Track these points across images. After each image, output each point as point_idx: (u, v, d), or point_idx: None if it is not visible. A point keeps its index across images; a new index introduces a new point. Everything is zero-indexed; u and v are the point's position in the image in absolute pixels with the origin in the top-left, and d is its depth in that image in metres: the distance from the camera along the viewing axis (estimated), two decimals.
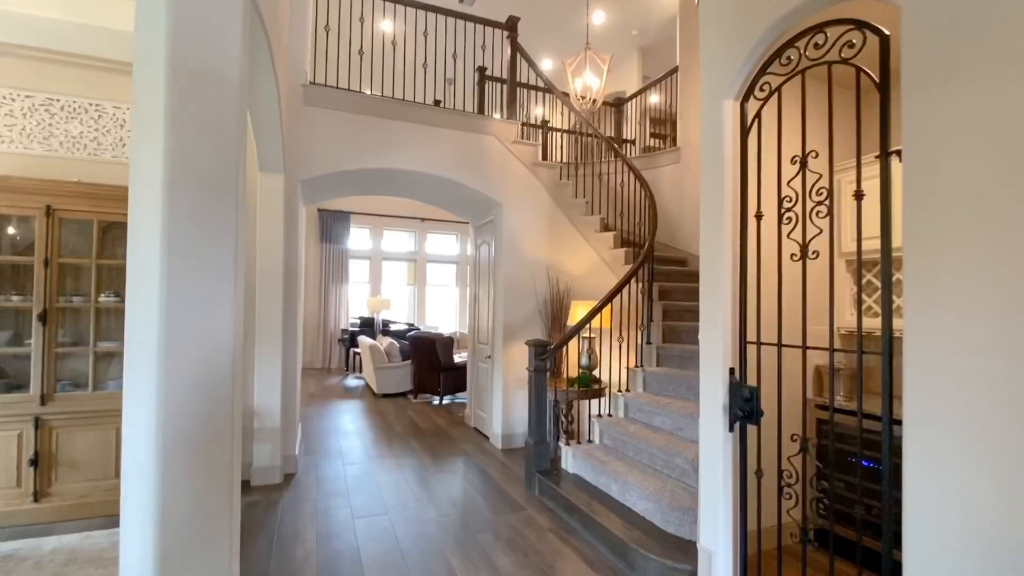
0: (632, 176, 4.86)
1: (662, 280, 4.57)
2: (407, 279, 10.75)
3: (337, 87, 4.31)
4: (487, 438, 4.98)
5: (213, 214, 1.41)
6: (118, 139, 3.55)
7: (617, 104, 6.93)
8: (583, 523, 2.96)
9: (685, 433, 3.13)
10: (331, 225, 9.74)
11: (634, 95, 6.61)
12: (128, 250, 1.36)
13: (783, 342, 1.91)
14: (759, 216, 2.03)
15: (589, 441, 3.70)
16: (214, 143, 1.41)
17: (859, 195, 1.69)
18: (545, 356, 3.66)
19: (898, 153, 1.54)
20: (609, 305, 3.86)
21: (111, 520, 3.04)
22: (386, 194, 5.34)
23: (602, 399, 4.08)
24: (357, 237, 10.20)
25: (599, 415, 3.75)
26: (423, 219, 10.60)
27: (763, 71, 2.04)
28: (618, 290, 3.80)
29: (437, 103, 4.80)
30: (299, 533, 2.93)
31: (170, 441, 1.33)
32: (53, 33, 3.20)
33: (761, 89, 2.06)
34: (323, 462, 4.22)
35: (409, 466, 4.15)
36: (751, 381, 2.06)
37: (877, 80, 1.62)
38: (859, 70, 1.70)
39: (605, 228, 5.18)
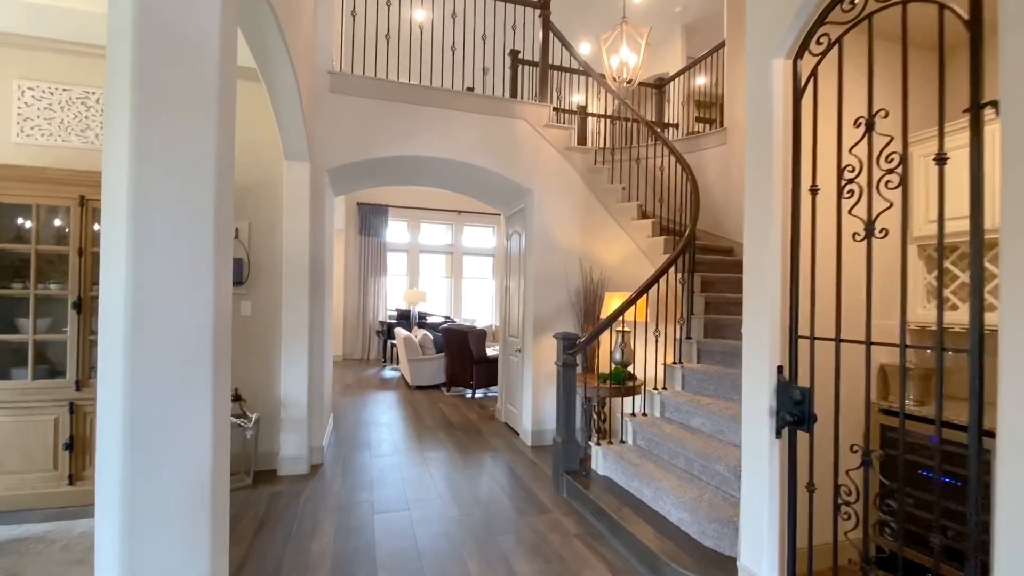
0: (673, 160, 4.54)
1: (705, 270, 4.25)
2: (444, 272, 10.73)
3: (363, 75, 4.23)
4: (517, 434, 4.83)
5: (187, 195, 1.30)
6: None
7: (658, 86, 6.56)
8: (612, 530, 2.75)
9: (727, 436, 2.85)
10: (369, 218, 9.83)
11: (676, 74, 6.22)
12: (101, 234, 1.27)
13: (841, 337, 1.63)
14: (814, 190, 1.75)
15: (621, 442, 3.46)
16: (187, 116, 1.30)
17: (941, 159, 1.39)
18: (574, 350, 3.45)
19: (994, 105, 1.24)
20: (644, 297, 3.60)
21: None
22: (414, 184, 5.25)
23: (636, 397, 3.83)
24: (395, 230, 10.26)
25: (632, 414, 3.51)
26: (459, 211, 10.52)
27: (821, 21, 1.75)
28: (654, 280, 3.54)
29: (470, 90, 4.65)
30: (318, 526, 2.88)
31: (137, 432, 1.24)
32: (88, 27, 3.25)
33: (818, 42, 1.77)
34: (351, 453, 4.18)
35: (436, 460, 4.05)
36: (803, 381, 1.79)
37: (966, 17, 1.32)
38: (942, 6, 1.40)
39: (643, 215, 4.89)
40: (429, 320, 9.35)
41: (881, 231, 1.54)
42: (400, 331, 7.35)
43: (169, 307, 1.27)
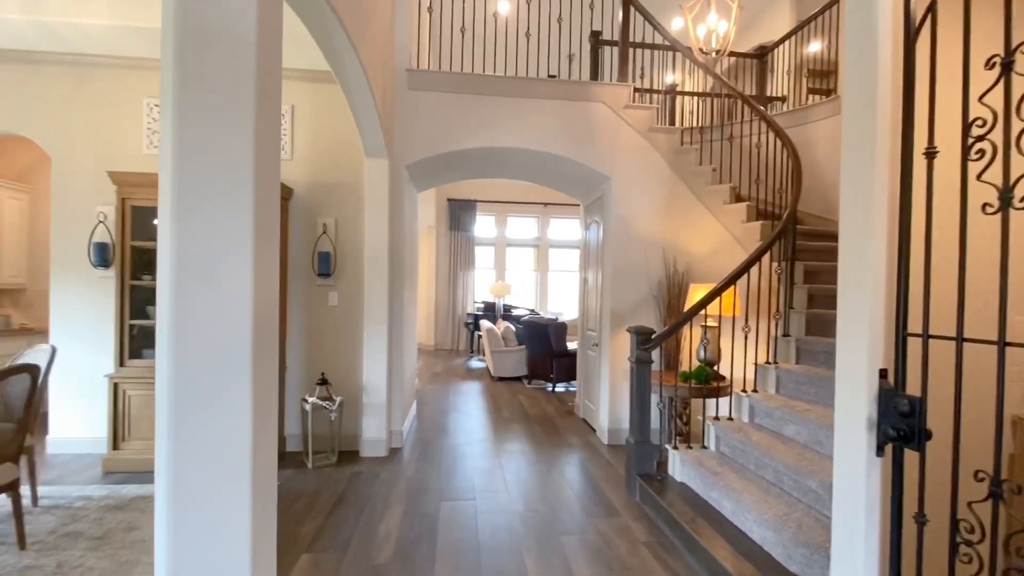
0: (773, 136, 4.05)
1: (809, 259, 3.75)
2: (532, 265, 10.71)
3: (439, 70, 4.30)
4: (594, 431, 4.65)
5: (225, 192, 1.35)
6: None
7: (759, 55, 5.91)
8: (685, 542, 2.51)
9: (826, 449, 2.47)
10: (458, 213, 10.11)
11: (780, 41, 5.55)
12: (158, 228, 1.37)
13: (965, 335, 1.29)
14: (931, 153, 1.41)
15: (703, 447, 3.17)
16: (225, 117, 1.35)
17: None
18: (649, 345, 3.21)
19: None
20: (733, 289, 3.25)
21: None
22: (492, 176, 5.25)
23: (723, 399, 3.48)
24: (483, 224, 10.44)
25: (716, 418, 3.19)
26: (546, 204, 10.43)
27: None
28: (744, 270, 3.17)
29: (551, 77, 4.54)
30: (388, 508, 2.98)
31: (180, 408, 1.32)
32: None
33: None
34: (429, 440, 4.31)
35: (508, 452, 4.03)
36: (912, 388, 1.46)
37: None
38: None
39: (736, 198, 4.44)
40: (515, 313, 9.41)
41: (1022, 200, 1.18)
42: (485, 323, 7.47)
43: (208, 297, 1.34)
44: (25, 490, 2.99)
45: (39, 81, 3.70)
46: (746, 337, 3.22)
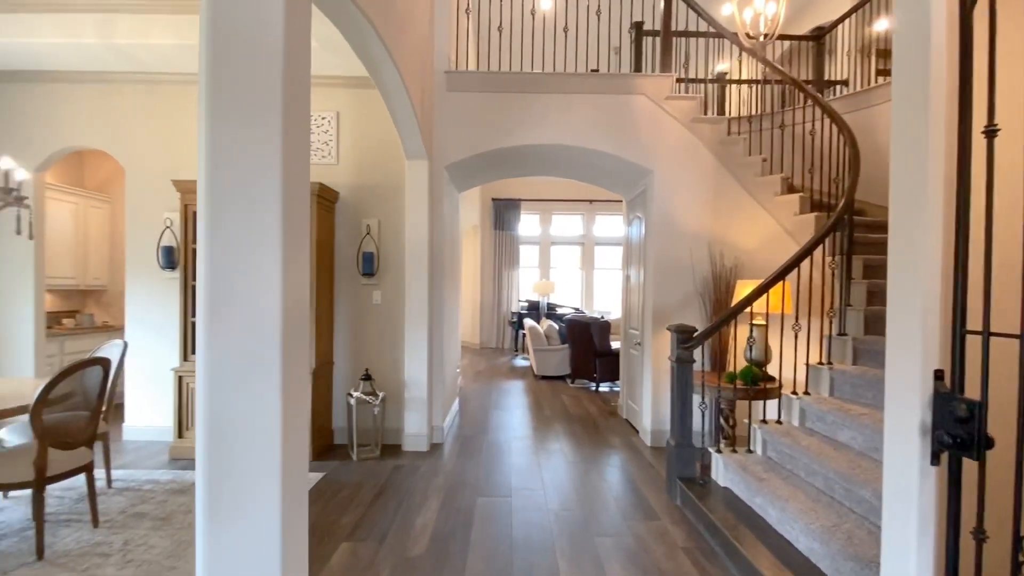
0: (829, 122, 3.79)
1: (868, 252, 3.48)
2: (576, 263, 10.60)
3: (477, 70, 4.33)
4: (637, 432, 4.54)
5: (254, 194, 1.41)
6: (313, 143, 4.15)
7: (816, 37, 5.55)
8: (726, 549, 2.40)
9: (882, 456, 2.28)
10: (503, 213, 10.17)
11: (840, 19, 5.19)
12: (198, 230, 1.46)
13: None
14: (991, 131, 1.27)
15: (748, 451, 3.01)
16: (253, 120, 1.42)
17: None
18: (690, 344, 3.10)
19: None
20: (783, 285, 3.07)
21: None
22: (532, 174, 5.24)
23: (772, 401, 3.30)
24: (527, 223, 10.45)
25: (764, 420, 3.03)
26: (591, 201, 10.30)
27: None
28: (793, 265, 2.99)
29: (594, 72, 4.47)
30: (425, 502, 3.04)
31: (213, 400, 1.40)
32: None
33: None
34: (470, 436, 4.36)
35: (548, 451, 4.01)
36: (971, 392, 1.32)
37: None
38: None
39: (789, 189, 4.20)
40: (559, 311, 9.35)
41: None
42: (528, 321, 7.47)
43: (238, 293, 1.41)
44: (101, 473, 3.28)
45: (115, 99, 4.05)
46: (796, 336, 3.04)
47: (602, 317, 8.14)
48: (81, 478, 2.68)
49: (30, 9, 3.21)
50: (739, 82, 5.38)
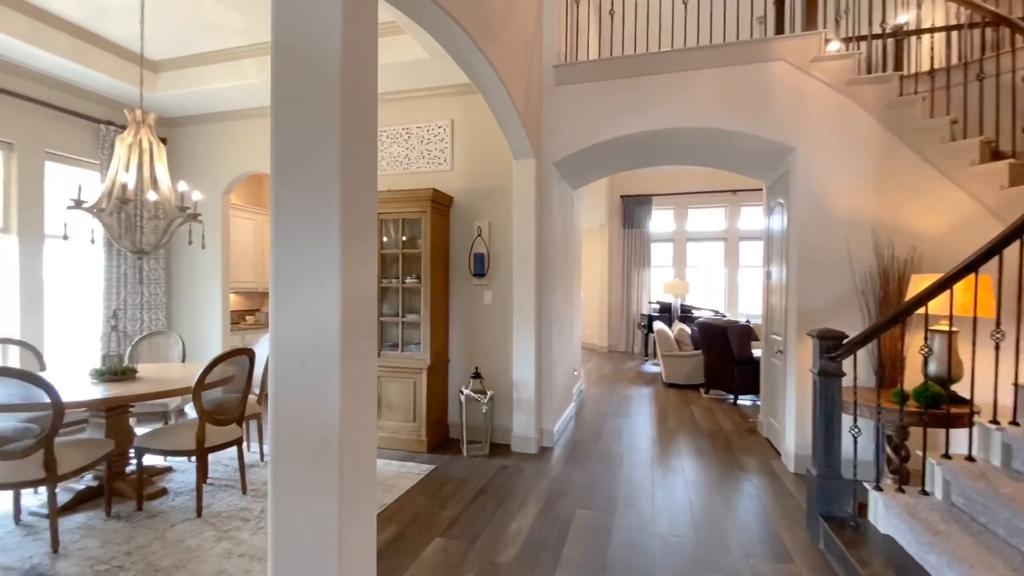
0: None
1: None
2: (719, 260, 9.61)
3: (588, 59, 4.14)
4: (778, 454, 3.89)
5: (313, 202, 1.47)
6: (419, 153, 4.41)
7: None
8: None
9: None
10: (632, 210, 9.70)
11: None
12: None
13: None
14: None
15: (922, 492, 2.34)
16: (312, 118, 1.47)
17: None
18: (838, 353, 2.52)
19: None
20: (974, 279, 2.33)
21: (408, 455, 3.81)
22: (651, 164, 4.84)
23: (958, 431, 2.53)
24: (659, 219, 9.82)
25: (946, 455, 2.33)
26: (735, 191, 9.27)
27: None
28: (994, 249, 2.24)
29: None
30: (523, 507, 2.95)
31: (279, 390, 1.48)
32: (399, 77, 4.16)
33: None
34: (582, 443, 4.18)
35: (665, 467, 3.64)
36: None
37: None
38: None
39: (993, 156, 3.23)
40: (695, 314, 8.57)
41: None
42: (657, 324, 6.97)
43: (300, 295, 1.48)
44: (256, 446, 3.83)
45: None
46: (998, 347, 2.27)
47: (747, 321, 7.25)
48: (232, 451, 3.14)
49: (208, 61, 3.93)
50: (919, 32, 4.31)
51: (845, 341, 2.55)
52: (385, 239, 4.15)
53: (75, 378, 2.96)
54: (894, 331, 2.99)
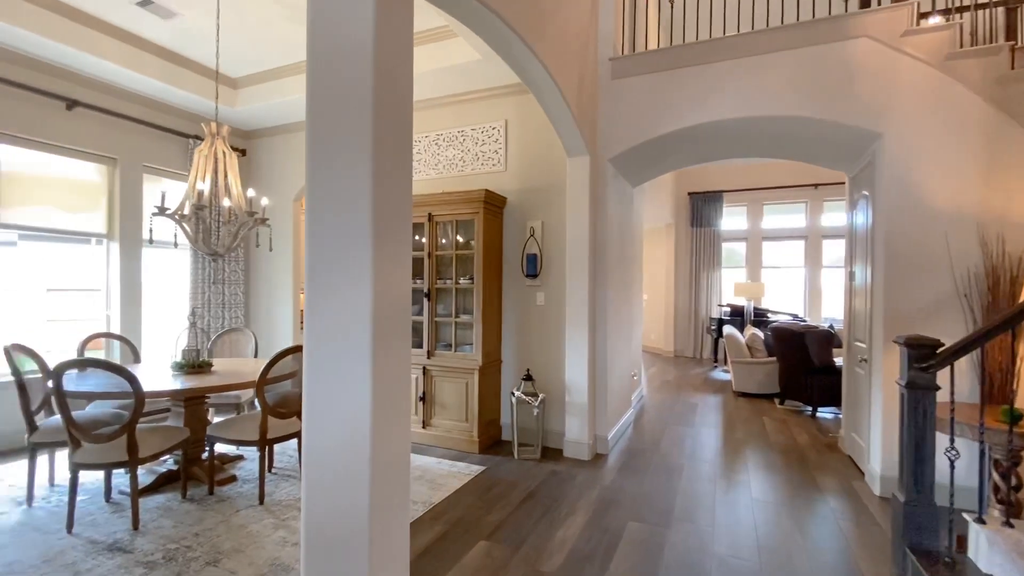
0: None
1: None
2: (799, 260, 8.89)
3: (646, 50, 3.97)
4: (862, 475, 3.50)
5: (346, 205, 1.49)
6: (474, 155, 4.44)
7: None
8: None
9: None
10: (701, 207, 9.23)
11: None
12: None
13: None
14: None
15: None
16: (343, 121, 1.49)
17: None
18: (931, 364, 2.21)
19: None
20: None
21: (460, 454, 3.83)
22: (715, 158, 4.56)
23: None
24: (731, 217, 9.27)
25: None
26: (816, 185, 8.56)
27: None
28: None
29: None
30: (572, 515, 2.86)
31: (312, 388, 1.51)
32: (426, 84, 4.26)
33: None
34: (638, 451, 3.99)
35: (729, 482, 3.39)
36: None
37: None
38: None
39: None
40: (770, 318, 7.98)
41: None
42: (727, 328, 6.56)
43: (333, 289, 1.50)
44: None
45: None
46: None
47: (831, 326, 6.64)
48: (293, 442, 3.29)
49: (279, 75, 4.18)
50: None
51: (940, 350, 2.22)
52: (443, 240, 4.20)
53: (160, 370, 3.24)
54: (1004, 340, 2.58)
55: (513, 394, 3.86)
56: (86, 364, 2.50)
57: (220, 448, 3.64)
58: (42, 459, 3.35)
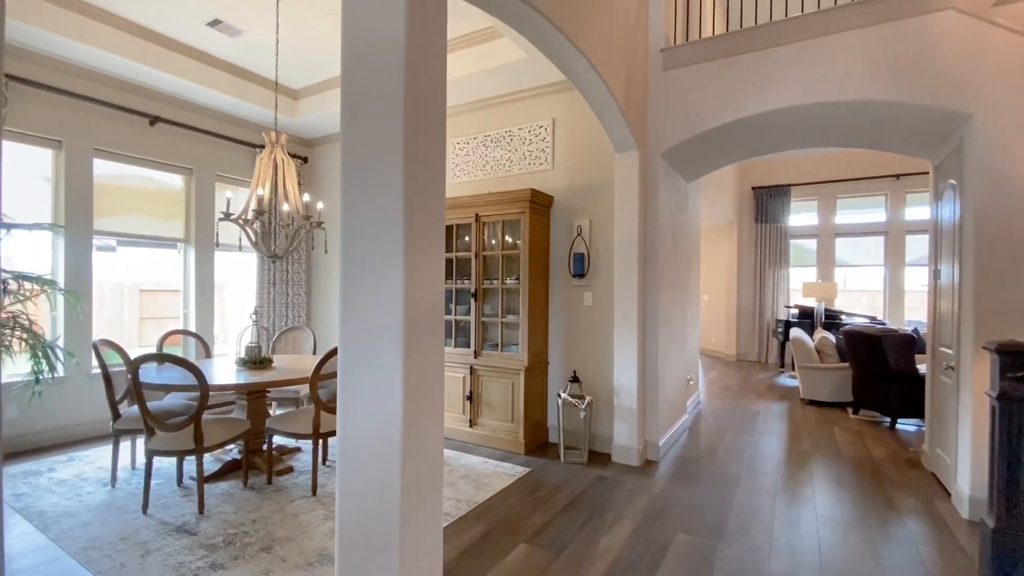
0: None
1: None
2: (879, 258, 8.17)
3: (700, 37, 3.78)
4: (948, 496, 3.15)
5: (378, 208, 1.51)
6: (521, 155, 4.42)
7: None
8: None
9: None
10: (766, 202, 8.72)
11: None
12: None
13: None
14: None
15: None
16: (375, 124, 1.51)
17: None
18: None
19: None
20: None
21: (505, 455, 3.82)
22: (779, 149, 4.26)
23: None
24: (800, 212, 8.68)
25: None
26: (897, 176, 7.84)
27: None
28: None
29: None
30: (617, 523, 2.76)
31: (346, 383, 1.54)
32: (473, 86, 4.29)
33: None
34: (692, 459, 3.81)
35: (792, 496, 3.16)
36: None
37: None
38: None
39: None
40: (844, 320, 7.39)
41: None
42: (794, 331, 6.14)
43: (366, 290, 1.53)
44: None
45: None
46: None
47: (914, 330, 6.06)
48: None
49: (336, 85, 4.35)
50: None
51: None
52: (492, 241, 4.21)
53: (226, 366, 3.47)
54: None
55: (560, 396, 3.80)
56: (161, 359, 2.72)
57: (279, 440, 3.85)
58: (125, 445, 3.68)
